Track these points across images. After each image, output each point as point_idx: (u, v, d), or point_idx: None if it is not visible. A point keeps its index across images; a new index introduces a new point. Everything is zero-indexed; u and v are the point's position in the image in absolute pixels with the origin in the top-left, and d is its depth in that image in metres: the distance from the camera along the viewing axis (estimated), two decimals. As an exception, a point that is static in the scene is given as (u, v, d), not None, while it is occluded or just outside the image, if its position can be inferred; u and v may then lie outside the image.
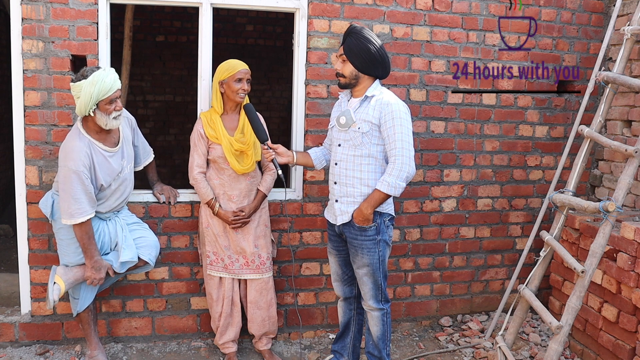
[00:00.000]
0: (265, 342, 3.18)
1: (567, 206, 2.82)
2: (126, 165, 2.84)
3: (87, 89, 2.52)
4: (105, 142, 2.72)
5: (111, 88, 2.57)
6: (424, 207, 3.59)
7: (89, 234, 2.65)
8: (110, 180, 2.73)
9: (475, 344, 3.39)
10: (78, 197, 2.57)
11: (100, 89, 2.53)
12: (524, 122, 3.70)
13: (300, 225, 3.39)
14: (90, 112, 2.58)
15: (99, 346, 3.00)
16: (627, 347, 2.85)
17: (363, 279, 2.72)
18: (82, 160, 2.57)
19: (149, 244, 2.93)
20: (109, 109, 2.60)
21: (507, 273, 3.81)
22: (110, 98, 2.58)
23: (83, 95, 2.53)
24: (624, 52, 2.91)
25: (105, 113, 2.60)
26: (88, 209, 2.61)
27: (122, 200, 2.87)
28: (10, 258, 4.46)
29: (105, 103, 2.58)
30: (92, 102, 2.54)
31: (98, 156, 2.66)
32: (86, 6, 2.96)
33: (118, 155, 2.78)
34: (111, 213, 2.87)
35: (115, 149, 2.76)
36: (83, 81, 2.53)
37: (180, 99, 6.83)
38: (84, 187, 2.58)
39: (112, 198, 2.81)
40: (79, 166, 2.56)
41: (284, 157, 2.79)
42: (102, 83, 2.53)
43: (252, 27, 6.80)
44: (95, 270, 2.68)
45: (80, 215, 2.59)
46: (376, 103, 2.60)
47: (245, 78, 2.91)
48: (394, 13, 3.35)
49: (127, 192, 2.88)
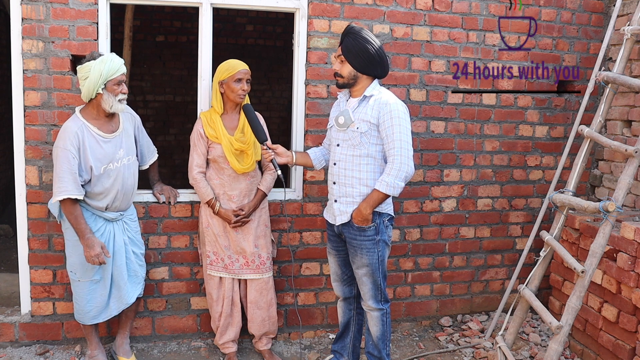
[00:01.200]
0: (265, 342, 3.18)
1: (567, 206, 2.82)
2: (124, 157, 2.81)
3: (97, 67, 2.62)
4: (101, 128, 2.75)
5: (119, 69, 2.69)
6: (424, 207, 3.59)
7: (75, 214, 2.67)
8: (101, 166, 2.72)
9: (475, 344, 3.39)
10: (62, 175, 2.63)
11: (110, 67, 2.65)
12: (524, 122, 3.70)
13: (300, 225, 3.39)
14: (99, 90, 2.65)
15: (99, 346, 3.00)
16: (627, 347, 2.85)
17: (362, 279, 2.72)
18: (70, 139, 2.63)
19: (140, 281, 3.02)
20: (116, 89, 2.69)
21: (507, 273, 3.81)
22: (118, 79, 2.69)
23: (92, 74, 2.62)
24: (624, 52, 2.91)
25: (113, 94, 2.69)
26: (71, 188, 2.63)
27: (124, 198, 2.85)
28: (10, 258, 4.46)
29: (113, 83, 2.68)
30: (101, 81, 2.63)
31: (90, 139, 2.70)
32: (86, 6, 2.96)
33: (114, 143, 2.78)
34: (117, 214, 2.85)
35: (110, 135, 2.77)
36: (92, 61, 2.64)
37: (180, 99, 6.83)
38: (69, 166, 2.63)
39: (111, 192, 2.77)
40: (67, 145, 2.63)
41: (283, 157, 2.78)
42: (111, 62, 2.66)
43: (252, 27, 6.81)
44: (89, 248, 2.69)
45: (61, 193, 2.63)
46: (375, 103, 2.60)
47: (244, 78, 2.91)
48: (394, 13, 3.35)
49: (128, 188, 2.85)
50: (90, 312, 2.85)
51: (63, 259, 3.09)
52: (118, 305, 2.91)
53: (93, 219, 2.80)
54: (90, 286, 2.82)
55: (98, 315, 2.88)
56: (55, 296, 3.13)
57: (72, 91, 3.00)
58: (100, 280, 2.83)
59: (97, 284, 2.83)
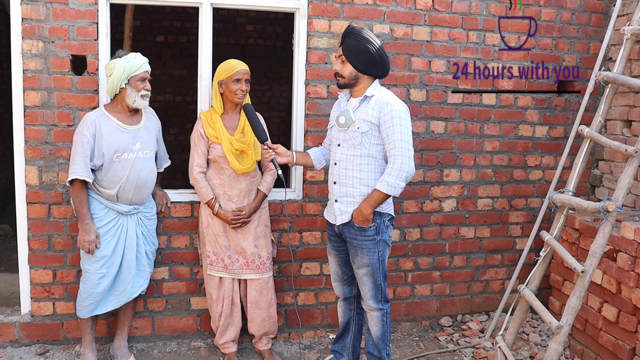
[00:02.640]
0: (265, 342, 3.18)
1: (567, 206, 2.82)
2: (140, 150, 2.87)
3: (121, 64, 2.77)
4: (121, 120, 2.86)
5: (142, 66, 2.82)
6: (424, 207, 3.59)
7: (80, 198, 2.78)
8: (112, 152, 2.77)
9: (475, 344, 3.39)
10: (76, 158, 2.75)
11: (133, 64, 2.79)
12: (524, 122, 3.70)
13: (300, 225, 3.39)
14: (123, 85, 2.78)
15: (92, 345, 2.98)
16: (627, 347, 2.85)
17: (363, 279, 2.72)
18: (87, 126, 2.77)
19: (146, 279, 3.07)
20: (139, 85, 2.82)
21: (507, 273, 3.81)
22: (142, 76, 2.83)
23: (116, 70, 2.76)
24: (624, 52, 2.91)
25: (135, 89, 2.81)
26: (81, 170, 2.73)
27: (137, 191, 2.86)
28: (10, 258, 4.46)
29: (136, 80, 2.81)
30: (125, 76, 2.77)
31: (107, 127, 2.81)
32: (86, 6, 2.96)
33: (132, 135, 2.86)
34: (130, 207, 2.87)
35: (130, 127, 2.87)
36: (117, 59, 2.80)
37: (180, 99, 6.83)
38: (82, 150, 2.74)
39: (122, 180, 2.79)
40: (84, 130, 2.76)
41: (283, 157, 2.78)
42: (134, 59, 2.81)
43: (252, 27, 6.80)
44: (85, 233, 2.76)
45: (72, 174, 2.74)
46: (375, 103, 2.60)
47: (243, 78, 2.91)
48: (394, 13, 3.35)
49: (142, 182, 2.87)
50: (90, 304, 2.86)
51: (63, 259, 3.10)
52: (119, 299, 2.93)
53: (105, 211, 2.83)
54: (98, 279, 2.83)
55: (95, 308, 2.88)
56: (55, 296, 3.13)
57: (72, 91, 3.00)
58: (106, 274, 2.84)
59: (104, 277, 2.84)
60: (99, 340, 3.21)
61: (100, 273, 2.83)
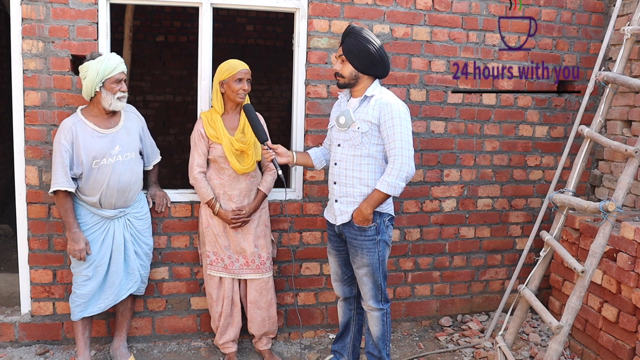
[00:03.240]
0: (265, 342, 3.18)
1: (567, 206, 2.82)
2: (120, 153, 2.80)
3: (94, 66, 2.69)
4: (98, 124, 2.80)
5: (116, 67, 2.73)
6: (424, 207, 3.59)
7: (65, 207, 2.75)
8: (93, 160, 2.73)
9: (475, 344, 3.39)
10: (56, 168, 2.73)
11: (106, 66, 2.70)
12: (524, 122, 3.70)
13: (300, 225, 3.39)
14: (97, 88, 2.71)
15: (84, 353, 2.95)
16: (627, 347, 2.85)
17: (363, 279, 2.72)
18: (64, 134, 2.72)
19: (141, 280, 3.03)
20: (114, 88, 2.74)
21: (507, 273, 3.81)
22: (116, 78, 2.74)
23: (90, 73, 2.69)
24: (624, 52, 2.91)
25: (111, 92, 2.74)
26: (61, 181, 2.71)
27: (119, 195, 2.82)
28: (10, 258, 4.46)
29: (111, 82, 2.73)
30: (99, 79, 2.69)
31: (84, 133, 2.75)
32: (86, 6, 2.96)
33: (109, 139, 2.79)
34: (115, 211, 2.85)
35: (107, 130, 2.80)
36: (91, 61, 2.72)
37: (180, 99, 6.83)
38: (61, 159, 2.71)
39: (102, 187, 2.75)
40: (61, 139, 2.72)
41: (283, 157, 2.78)
42: (108, 61, 2.72)
43: (252, 27, 6.80)
44: (74, 242, 2.75)
45: (53, 185, 2.73)
46: (376, 103, 2.60)
47: (245, 78, 2.91)
48: (394, 13, 3.35)
49: (124, 185, 2.82)
50: (78, 306, 2.85)
51: (63, 259, 3.10)
52: (106, 302, 2.91)
53: (90, 216, 2.82)
54: (82, 280, 2.83)
55: (84, 311, 2.87)
56: (55, 296, 3.13)
57: (72, 91, 3.00)
58: (93, 277, 2.83)
59: (90, 280, 2.83)
60: (98, 340, 3.22)
61: (86, 276, 2.83)
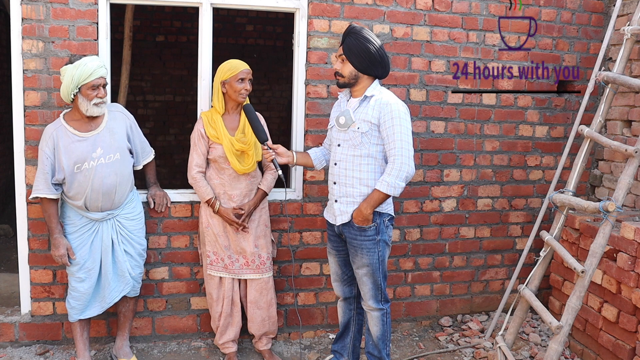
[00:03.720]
0: (265, 342, 3.18)
1: (567, 206, 2.82)
2: (102, 156, 2.75)
3: (70, 72, 2.64)
4: (78, 128, 2.76)
5: (93, 73, 2.65)
6: (424, 207, 3.59)
7: (48, 213, 2.76)
8: (74, 165, 2.70)
9: (475, 344, 3.39)
10: (37, 175, 2.74)
11: (82, 72, 2.63)
12: (524, 122, 3.70)
13: (300, 225, 3.39)
14: (72, 94, 2.67)
15: (84, 354, 2.94)
16: (627, 347, 2.85)
17: (363, 279, 2.72)
18: (46, 141, 2.71)
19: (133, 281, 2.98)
20: (90, 94, 2.67)
21: (507, 273, 3.81)
22: (93, 84, 2.66)
23: (65, 79, 2.65)
24: (624, 52, 2.91)
25: (87, 98, 2.68)
26: (42, 187, 2.72)
27: (105, 198, 2.77)
28: (10, 258, 4.46)
29: (87, 88, 2.66)
30: (74, 85, 2.64)
31: (64, 139, 2.72)
32: (86, 6, 2.96)
33: (90, 142, 2.74)
34: (103, 214, 2.81)
35: (87, 134, 2.75)
36: (68, 65, 2.66)
37: (180, 99, 6.82)
38: (42, 167, 2.71)
39: (86, 191, 2.72)
40: (43, 146, 2.72)
41: (284, 158, 2.78)
42: (84, 67, 2.64)
43: (252, 27, 6.80)
44: (55, 247, 2.77)
45: (34, 192, 2.74)
46: (375, 103, 2.60)
47: (247, 78, 2.91)
48: (394, 13, 3.35)
49: (108, 188, 2.75)
50: (73, 307, 2.85)
51: (63, 259, 3.10)
52: (101, 305, 2.90)
53: (79, 217, 2.82)
54: (75, 283, 2.83)
55: (81, 313, 2.87)
56: (55, 296, 3.13)
57: (72, 91, 3.00)
58: (86, 279, 2.83)
59: (82, 282, 2.82)
60: (98, 340, 3.22)
61: (79, 278, 2.82)
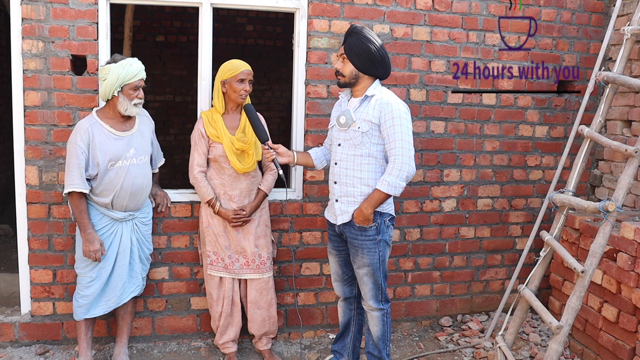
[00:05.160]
0: (265, 342, 3.18)
1: (567, 206, 2.82)
2: (134, 156, 2.83)
3: (116, 70, 2.69)
4: (114, 127, 2.81)
5: (137, 74, 2.74)
6: (424, 207, 3.59)
7: (80, 208, 2.74)
8: (108, 162, 2.74)
9: (475, 344, 3.39)
10: (71, 169, 2.71)
11: (128, 72, 2.70)
12: (524, 122, 3.70)
13: (300, 225, 3.39)
14: (115, 93, 2.71)
15: (86, 353, 2.94)
16: (627, 347, 2.85)
17: (363, 279, 2.72)
18: (81, 136, 2.71)
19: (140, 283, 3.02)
20: (132, 94, 2.75)
21: (507, 273, 3.81)
22: (135, 84, 2.74)
23: (110, 77, 2.69)
24: (624, 52, 2.91)
25: (128, 98, 2.75)
26: (77, 182, 2.71)
27: (131, 198, 2.83)
28: (10, 258, 4.46)
29: (129, 88, 2.73)
30: (118, 84, 2.70)
31: (100, 135, 2.75)
32: (86, 6, 2.96)
33: (125, 142, 2.81)
34: (125, 214, 2.85)
35: (122, 133, 2.82)
36: (113, 64, 2.71)
37: (180, 99, 6.83)
38: (77, 161, 2.71)
39: (116, 188, 2.76)
40: (77, 140, 2.71)
41: (284, 157, 2.79)
42: (130, 67, 2.71)
43: (252, 27, 6.80)
44: (89, 243, 2.74)
45: (68, 186, 2.71)
46: (376, 103, 2.60)
47: (247, 79, 2.91)
48: (394, 13, 3.35)
49: (137, 188, 2.83)
50: (81, 306, 2.85)
51: (63, 259, 3.10)
52: (108, 304, 2.91)
53: (100, 217, 2.82)
54: (87, 282, 2.83)
55: (87, 312, 2.87)
56: (55, 296, 3.13)
57: (72, 91, 3.00)
58: (97, 278, 2.83)
59: (94, 281, 2.83)
60: (98, 340, 3.22)
61: (90, 277, 2.83)
